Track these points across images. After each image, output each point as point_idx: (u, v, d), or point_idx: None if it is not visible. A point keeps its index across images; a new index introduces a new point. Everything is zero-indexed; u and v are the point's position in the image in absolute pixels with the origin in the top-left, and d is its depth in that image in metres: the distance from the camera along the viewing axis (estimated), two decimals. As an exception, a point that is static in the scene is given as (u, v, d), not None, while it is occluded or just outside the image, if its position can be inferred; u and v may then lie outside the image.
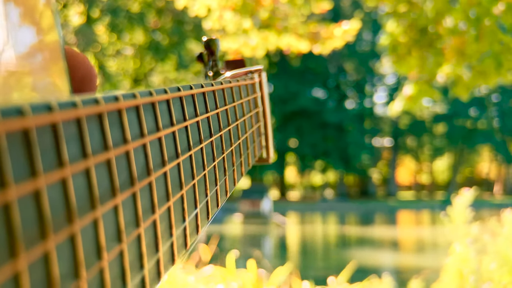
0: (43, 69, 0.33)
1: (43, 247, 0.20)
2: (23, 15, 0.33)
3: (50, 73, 0.34)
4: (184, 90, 0.36)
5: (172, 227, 0.32)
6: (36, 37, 0.33)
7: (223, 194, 0.45)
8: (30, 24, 0.33)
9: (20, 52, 0.32)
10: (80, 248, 0.22)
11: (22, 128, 0.19)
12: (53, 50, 0.35)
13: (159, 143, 0.31)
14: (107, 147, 0.25)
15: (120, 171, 0.26)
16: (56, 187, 0.21)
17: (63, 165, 0.21)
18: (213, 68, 0.65)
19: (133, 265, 0.28)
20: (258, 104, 0.66)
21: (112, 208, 0.25)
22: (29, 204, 0.19)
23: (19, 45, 0.32)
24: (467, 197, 3.87)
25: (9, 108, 0.19)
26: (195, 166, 0.38)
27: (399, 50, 6.36)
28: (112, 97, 0.26)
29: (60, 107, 0.22)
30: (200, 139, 0.39)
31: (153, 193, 0.30)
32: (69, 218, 0.22)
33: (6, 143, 0.18)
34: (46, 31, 0.34)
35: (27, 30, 0.33)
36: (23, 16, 0.33)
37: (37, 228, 0.20)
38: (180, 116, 0.35)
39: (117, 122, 0.27)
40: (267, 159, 0.71)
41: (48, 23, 0.35)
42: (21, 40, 0.32)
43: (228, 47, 5.55)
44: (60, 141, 0.21)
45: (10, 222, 0.18)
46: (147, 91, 0.30)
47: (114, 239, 0.25)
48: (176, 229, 0.33)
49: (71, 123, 0.23)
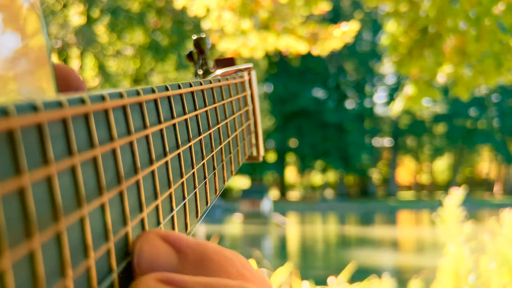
0: (29, 74, 0.34)
1: (28, 245, 0.20)
2: (7, 20, 0.33)
3: (37, 78, 0.34)
4: (172, 89, 0.36)
5: (160, 226, 0.32)
6: (21, 42, 0.34)
7: (212, 192, 0.45)
8: (15, 29, 0.33)
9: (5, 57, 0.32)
10: (66, 246, 0.22)
11: (7, 128, 0.20)
12: (39, 54, 0.35)
13: (146, 142, 0.31)
14: (93, 145, 0.25)
15: (107, 169, 0.26)
16: (41, 185, 0.21)
17: (48, 164, 0.21)
18: (203, 67, 0.66)
19: (121, 263, 0.28)
20: (248, 102, 0.66)
21: (98, 206, 0.25)
22: (14, 202, 0.20)
23: (4, 50, 0.32)
24: (458, 196, 3.87)
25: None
26: (184, 165, 0.38)
27: (400, 50, 6.36)
28: (99, 96, 0.26)
29: (46, 107, 0.22)
30: (189, 137, 0.39)
31: (140, 192, 0.30)
32: (55, 217, 0.22)
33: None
34: (31, 36, 0.35)
35: (12, 35, 0.33)
36: (7, 21, 0.33)
37: (22, 227, 0.20)
38: (168, 115, 0.36)
39: (103, 121, 0.27)
40: (257, 157, 0.71)
41: (34, 28, 0.35)
42: (6, 45, 0.32)
43: (226, 48, 5.55)
44: (45, 140, 0.21)
45: (-6, 220, 0.18)
46: (134, 90, 0.31)
47: (101, 238, 0.26)
48: (165, 227, 0.33)
49: (57, 123, 0.23)
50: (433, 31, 6.15)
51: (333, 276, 4.10)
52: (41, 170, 0.21)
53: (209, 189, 0.44)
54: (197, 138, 0.41)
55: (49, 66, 0.35)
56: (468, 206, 4.65)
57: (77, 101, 0.24)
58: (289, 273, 4.08)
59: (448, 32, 5.97)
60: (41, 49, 0.35)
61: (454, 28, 5.93)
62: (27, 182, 0.20)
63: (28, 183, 0.20)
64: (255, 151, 0.71)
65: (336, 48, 5.72)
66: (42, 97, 0.34)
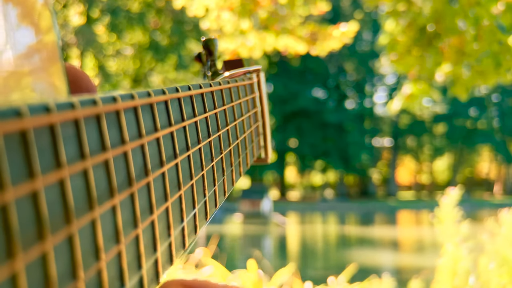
0: (42, 70, 0.34)
1: (41, 248, 0.20)
2: (22, 16, 0.33)
3: (49, 74, 0.34)
4: (183, 91, 0.36)
5: (170, 228, 0.32)
6: (35, 38, 0.34)
7: (221, 194, 0.45)
8: (29, 24, 0.33)
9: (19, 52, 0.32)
10: (78, 249, 0.22)
11: (20, 129, 0.20)
12: (51, 50, 0.35)
13: (157, 144, 0.31)
14: (105, 147, 0.25)
15: (118, 171, 0.26)
16: (53, 188, 0.21)
17: (61, 166, 0.21)
18: (211, 68, 0.66)
19: (131, 265, 0.28)
20: (257, 104, 0.66)
21: (110, 208, 0.25)
22: (27, 205, 0.20)
23: (18, 46, 0.32)
24: (454, 196, 3.87)
25: (7, 110, 0.19)
26: (194, 167, 0.38)
27: (398, 49, 6.36)
28: (110, 98, 0.26)
29: (58, 108, 0.22)
30: (198, 139, 0.39)
31: (151, 194, 0.30)
32: (67, 219, 0.22)
33: (4, 145, 0.18)
34: (44, 32, 0.35)
35: (26, 31, 0.33)
36: (22, 16, 0.33)
37: (35, 229, 0.20)
38: (179, 117, 0.36)
39: (115, 123, 0.27)
40: (265, 159, 0.71)
41: (46, 24, 0.35)
42: (20, 40, 0.32)
43: (225, 48, 5.54)
44: (57, 142, 0.21)
45: (8, 223, 0.18)
46: (146, 92, 0.31)
47: (112, 240, 0.26)
48: (174, 229, 0.33)
49: (69, 124, 0.23)
50: (432, 31, 6.15)
51: (333, 276, 4.09)
52: (54, 172, 0.21)
53: (218, 191, 0.44)
54: (207, 140, 0.41)
55: (60, 62, 0.35)
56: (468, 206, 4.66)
57: (89, 102, 0.24)
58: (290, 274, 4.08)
59: (447, 32, 5.98)
60: (53, 46, 0.35)
61: (453, 28, 5.93)
62: (40, 185, 0.20)
63: (41, 186, 0.20)
64: (263, 153, 0.71)
65: (335, 48, 5.72)
66: (54, 93, 0.35)
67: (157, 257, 0.31)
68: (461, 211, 3.84)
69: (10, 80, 0.31)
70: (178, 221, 0.34)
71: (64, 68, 0.36)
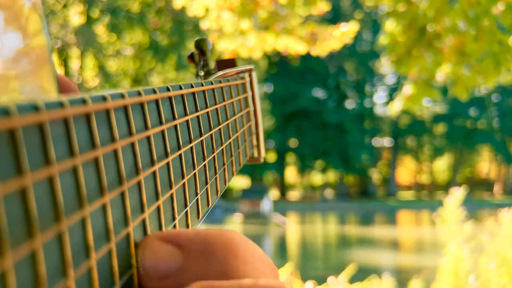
0: (31, 73, 0.34)
1: (30, 246, 0.20)
2: (9, 19, 0.33)
3: (38, 77, 0.34)
4: (174, 90, 0.36)
5: (162, 226, 0.32)
6: (23, 42, 0.34)
7: (214, 193, 0.45)
8: (17, 28, 0.33)
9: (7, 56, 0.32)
10: (67, 247, 0.22)
11: (8, 128, 0.20)
12: (40, 54, 0.35)
13: (148, 143, 0.31)
14: (95, 146, 0.25)
15: (108, 170, 0.26)
16: (43, 186, 0.21)
17: (50, 164, 0.21)
18: (204, 68, 0.66)
19: (122, 264, 0.28)
20: (249, 103, 0.66)
21: (100, 207, 0.25)
22: (16, 202, 0.20)
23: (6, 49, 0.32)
24: (458, 196, 3.87)
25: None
26: (185, 165, 0.38)
27: (398, 50, 6.36)
28: (100, 97, 0.26)
29: (47, 107, 0.22)
30: (190, 138, 0.39)
31: (142, 192, 0.30)
32: (57, 217, 0.22)
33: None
34: (33, 35, 0.35)
35: (14, 35, 0.33)
36: (9, 20, 0.33)
37: (24, 227, 0.20)
38: (170, 116, 0.36)
39: (105, 121, 0.27)
40: (258, 158, 0.72)
41: (35, 27, 0.35)
42: (8, 44, 0.32)
43: (225, 48, 5.54)
44: (47, 140, 0.21)
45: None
46: (136, 91, 0.31)
47: (102, 238, 0.26)
48: (166, 227, 0.33)
49: (58, 123, 0.23)
50: (432, 31, 6.14)
51: (333, 276, 4.10)
52: (43, 171, 0.21)
53: (211, 190, 0.44)
54: (199, 139, 0.41)
55: (50, 65, 0.35)
56: (468, 206, 4.65)
57: (79, 102, 0.24)
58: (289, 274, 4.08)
59: (447, 32, 5.97)
60: (43, 49, 0.35)
61: (453, 28, 5.93)
62: (28, 182, 0.20)
63: (29, 183, 0.20)
64: (256, 152, 0.71)
65: (335, 48, 5.72)
66: (44, 97, 0.35)
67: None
68: (464, 211, 3.85)
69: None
70: (170, 220, 0.34)
71: (55, 72, 0.36)
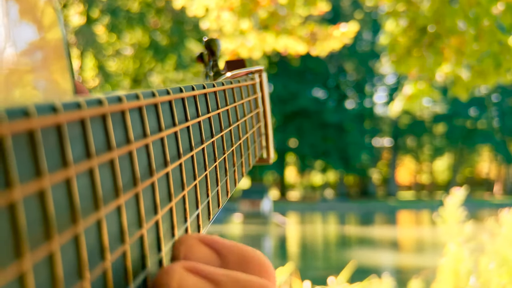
0: (45, 67, 0.33)
1: (48, 247, 0.20)
2: (24, 13, 0.33)
3: (53, 71, 0.34)
4: (186, 91, 0.36)
5: (174, 227, 0.32)
6: (38, 35, 0.34)
7: (224, 194, 0.45)
8: (32, 21, 0.33)
9: (22, 49, 0.32)
10: (83, 248, 0.22)
11: (28, 129, 0.20)
12: (55, 48, 0.35)
13: (161, 144, 0.31)
14: (111, 147, 0.25)
15: (124, 171, 0.26)
16: (60, 188, 0.21)
17: (68, 166, 0.21)
18: (213, 68, 0.66)
19: (136, 265, 0.28)
20: (259, 104, 0.66)
21: (115, 208, 0.25)
22: (34, 204, 0.20)
23: (21, 43, 0.32)
24: (458, 196, 3.87)
25: (14, 110, 0.19)
26: (197, 167, 0.38)
27: (398, 50, 6.36)
28: (116, 98, 0.26)
29: (65, 108, 0.22)
30: (201, 139, 0.39)
31: (155, 194, 0.30)
32: (73, 219, 0.22)
33: (12, 144, 0.19)
34: (48, 29, 0.34)
35: (29, 28, 0.33)
36: (24, 13, 0.33)
37: (42, 229, 0.20)
38: (182, 117, 0.36)
39: (120, 122, 0.27)
40: (267, 159, 0.72)
41: (50, 21, 0.35)
42: (23, 37, 0.32)
43: (225, 48, 5.54)
44: (64, 142, 0.21)
45: (15, 222, 0.18)
46: (150, 92, 0.31)
47: (117, 240, 0.26)
48: (178, 229, 0.33)
49: (75, 124, 0.23)
50: (432, 31, 6.15)
51: (333, 276, 4.10)
52: (61, 172, 0.21)
53: (221, 191, 0.44)
54: (210, 140, 0.41)
55: (65, 60, 0.35)
56: (468, 206, 4.65)
57: (95, 103, 0.24)
58: (289, 273, 4.08)
59: (447, 32, 5.97)
60: (58, 42, 0.35)
61: (453, 28, 5.93)
62: (47, 184, 0.20)
63: (48, 185, 0.20)
64: (265, 153, 0.71)
65: (335, 48, 5.72)
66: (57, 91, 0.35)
67: (161, 257, 0.31)
68: (464, 211, 3.85)
69: (12, 77, 0.31)
70: (182, 221, 0.34)
71: (71, 66, 0.36)
